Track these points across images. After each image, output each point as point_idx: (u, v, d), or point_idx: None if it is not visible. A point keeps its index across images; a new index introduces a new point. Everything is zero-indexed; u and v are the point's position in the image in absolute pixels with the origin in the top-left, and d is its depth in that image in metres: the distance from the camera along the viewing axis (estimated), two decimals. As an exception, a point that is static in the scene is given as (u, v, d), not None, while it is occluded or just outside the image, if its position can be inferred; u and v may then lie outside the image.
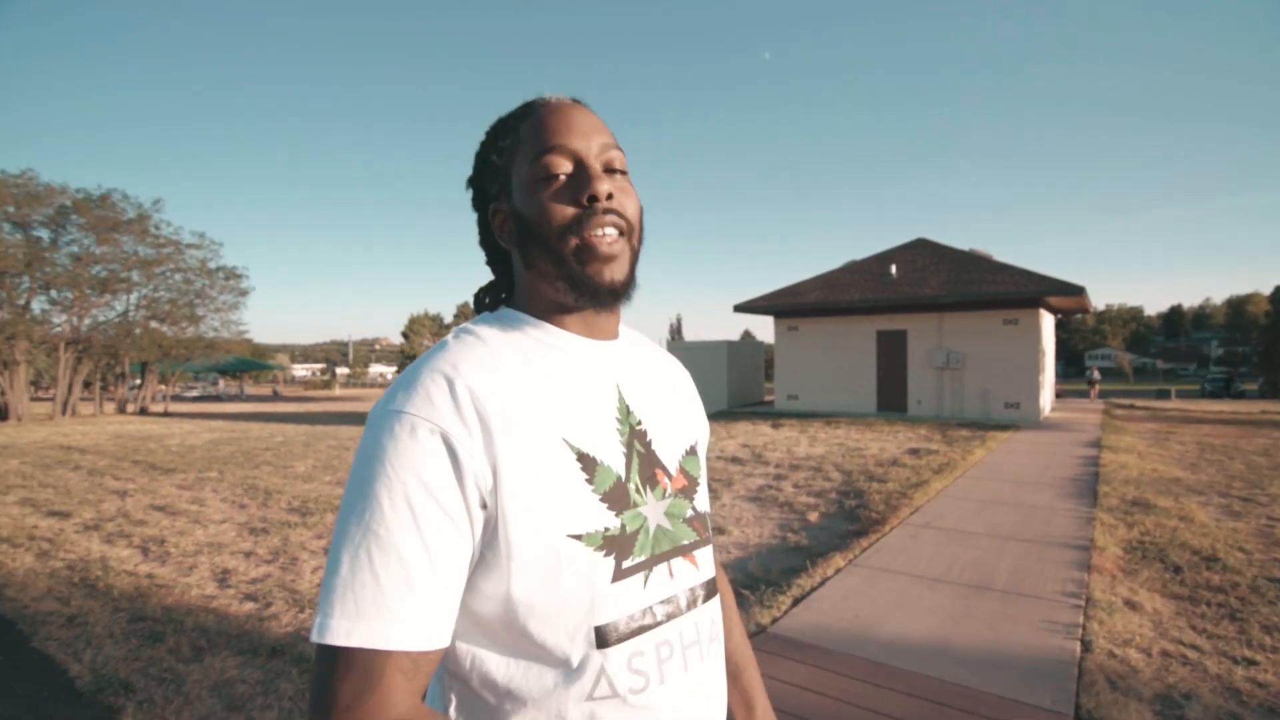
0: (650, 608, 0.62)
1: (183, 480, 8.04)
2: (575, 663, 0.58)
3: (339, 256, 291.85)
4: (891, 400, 15.76)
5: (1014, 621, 3.31)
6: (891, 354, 15.77)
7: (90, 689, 2.79)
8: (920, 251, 17.29)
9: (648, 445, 0.66)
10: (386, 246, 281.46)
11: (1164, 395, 31.43)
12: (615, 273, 0.63)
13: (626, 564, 0.61)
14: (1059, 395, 29.13)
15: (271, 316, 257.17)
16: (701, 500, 0.71)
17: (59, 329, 19.43)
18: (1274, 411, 19.13)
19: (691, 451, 0.73)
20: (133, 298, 21.25)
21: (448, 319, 41.56)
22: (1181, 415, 17.01)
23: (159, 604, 3.81)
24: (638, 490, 0.64)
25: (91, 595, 3.97)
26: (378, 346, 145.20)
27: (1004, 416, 14.21)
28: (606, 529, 0.60)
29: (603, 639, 0.59)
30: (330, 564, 0.54)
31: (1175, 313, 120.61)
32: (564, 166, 0.63)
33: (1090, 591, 3.73)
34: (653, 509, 0.64)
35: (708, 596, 0.68)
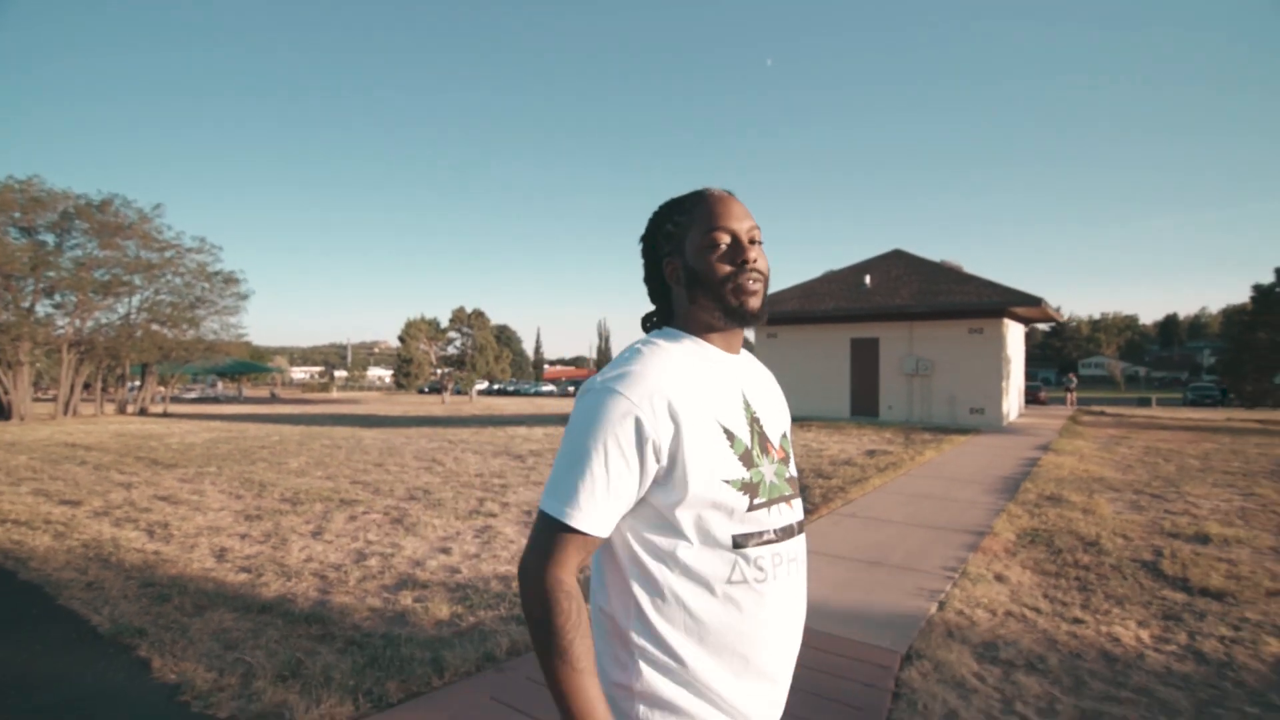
0: (769, 530, 0.92)
1: (183, 474, 8.62)
2: (724, 557, 0.89)
3: (340, 260, 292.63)
4: (864, 405, 16.39)
5: (890, 588, 3.91)
6: (865, 361, 16.41)
7: (110, 633, 3.38)
8: (894, 262, 17.96)
9: (760, 428, 0.96)
10: (386, 250, 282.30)
11: (1145, 403, 32.08)
12: (755, 303, 0.96)
13: (756, 501, 0.91)
14: (1041, 401, 29.74)
15: (271, 319, 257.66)
16: (793, 468, 1.02)
17: (62, 331, 20.01)
18: (1238, 419, 19.75)
19: (785, 436, 1.03)
20: (134, 301, 21.84)
21: (444, 323, 42.07)
22: (1146, 421, 17.63)
23: (165, 574, 4.39)
24: (758, 456, 0.93)
25: (105, 567, 4.55)
26: (376, 350, 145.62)
27: (969, 421, 14.84)
28: (743, 478, 0.90)
29: (739, 544, 0.89)
30: (558, 470, 0.86)
31: (1170, 321, 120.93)
32: (725, 239, 0.95)
33: (967, 567, 4.34)
34: (767, 469, 0.94)
35: (799, 530, 0.98)
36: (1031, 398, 29.65)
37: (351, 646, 3.23)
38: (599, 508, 0.84)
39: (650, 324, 1.06)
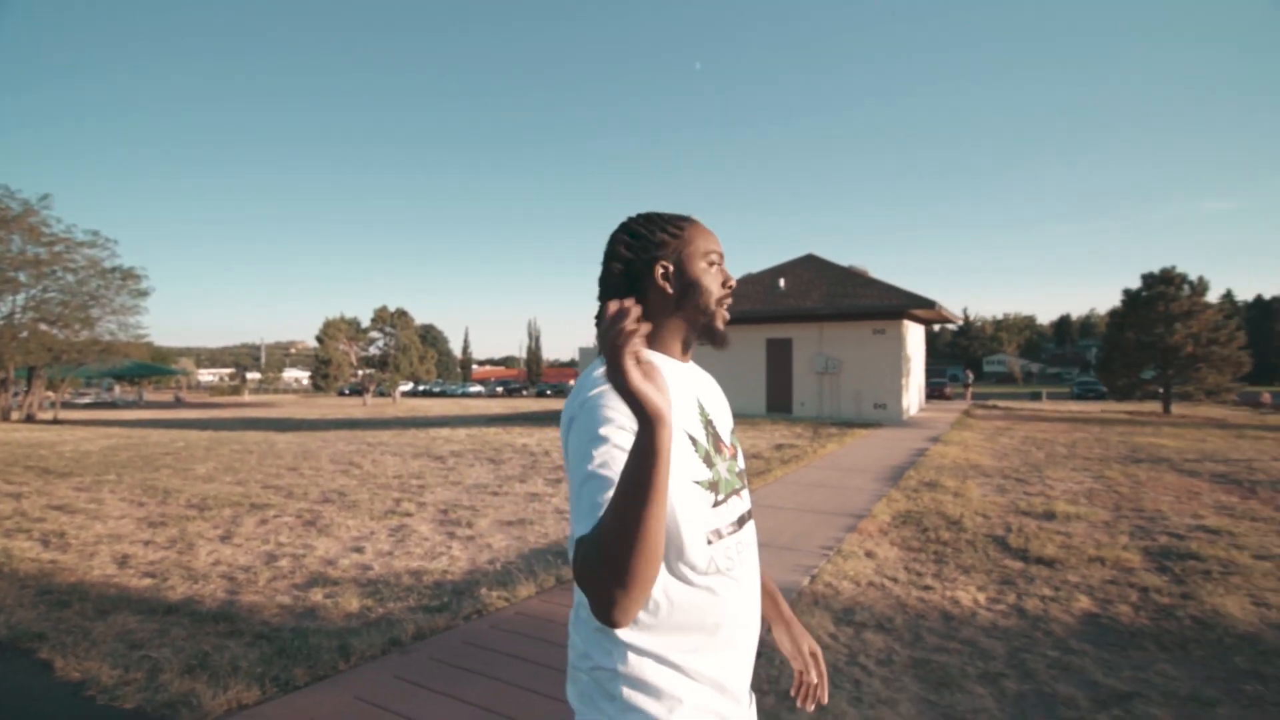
0: (730, 522, 0.99)
1: (79, 483, 8.25)
2: (698, 550, 0.94)
3: (252, 256, 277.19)
4: (779, 402, 17.21)
5: (771, 566, 4.34)
6: (779, 360, 17.23)
7: (8, 639, 3.37)
8: (806, 266, 18.94)
9: (714, 430, 1.04)
10: (304, 247, 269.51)
11: (1036, 397, 34.70)
12: (724, 327, 1.08)
13: (718, 498, 0.98)
14: (946, 397, 31.74)
15: (177, 318, 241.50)
16: (741, 461, 1.10)
17: (-67, 332, 18.43)
18: (1112, 411, 21.79)
19: (732, 433, 1.11)
20: (19, 299, 20.31)
21: (365, 323, 40.88)
22: (1032, 414, 19.22)
23: (63, 582, 4.34)
24: (714, 455, 1.01)
25: (-3, 577, 4.44)
26: (293, 350, 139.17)
27: (873, 416, 15.85)
28: (707, 478, 0.97)
29: (709, 539, 0.95)
30: (577, 497, 0.83)
31: (1064, 321, 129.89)
32: (718, 262, 1.07)
33: (842, 546, 4.83)
34: (722, 466, 1.02)
35: (750, 518, 1.07)
36: (937, 393, 31.63)
37: (260, 640, 3.36)
38: None
39: None
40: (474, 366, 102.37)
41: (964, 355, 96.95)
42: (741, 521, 1.02)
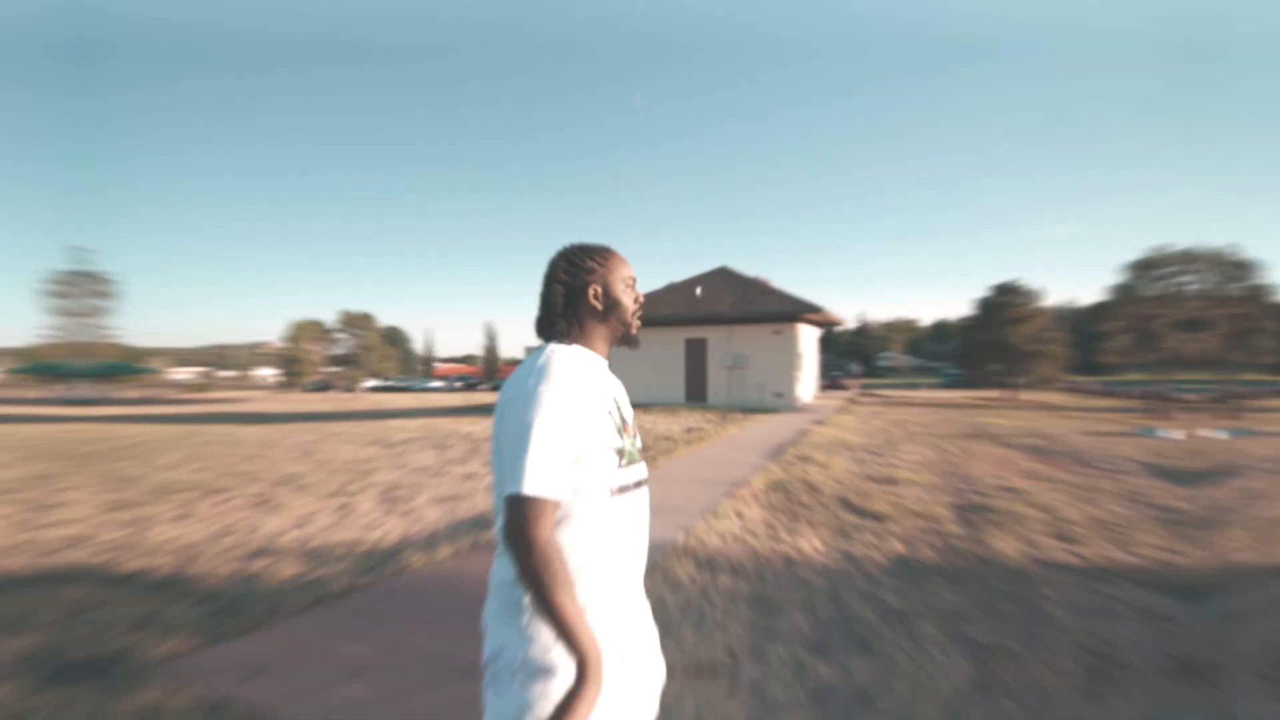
0: (633, 482, 1.15)
1: (41, 470, 7.81)
2: (604, 503, 1.08)
3: (223, 259, 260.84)
4: (696, 392, 17.70)
5: (655, 527, 4.60)
6: (696, 357, 17.73)
7: (-41, 611, 3.29)
8: (719, 277, 19.56)
9: (622, 413, 1.18)
10: (270, 249, 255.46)
11: (914, 387, 36.64)
12: (638, 334, 1.29)
13: (623, 462, 1.13)
14: (844, 387, 33.09)
15: (154, 320, 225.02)
16: (639, 441, 1.24)
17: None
18: (970, 398, 23.26)
19: (633, 418, 1.25)
20: None
21: (331, 324, 39.43)
22: (904, 401, 20.35)
23: (14, 561, 4.20)
24: (622, 432, 1.15)
25: (-48, 559, 4.25)
26: (263, 350, 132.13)
27: (772, 403, 16.52)
28: (620, 446, 1.13)
29: (615, 493, 1.10)
30: (517, 457, 0.98)
31: (942, 323, 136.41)
32: (632, 285, 1.25)
33: (718, 508, 5.16)
34: (628, 441, 1.17)
35: (645, 484, 1.21)
36: (835, 385, 32.94)
37: (201, 602, 3.39)
38: (561, 476, 0.99)
39: (549, 328, 1.22)
40: (436, 364, 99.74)
41: (860, 352, 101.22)
42: (639, 484, 1.19)
